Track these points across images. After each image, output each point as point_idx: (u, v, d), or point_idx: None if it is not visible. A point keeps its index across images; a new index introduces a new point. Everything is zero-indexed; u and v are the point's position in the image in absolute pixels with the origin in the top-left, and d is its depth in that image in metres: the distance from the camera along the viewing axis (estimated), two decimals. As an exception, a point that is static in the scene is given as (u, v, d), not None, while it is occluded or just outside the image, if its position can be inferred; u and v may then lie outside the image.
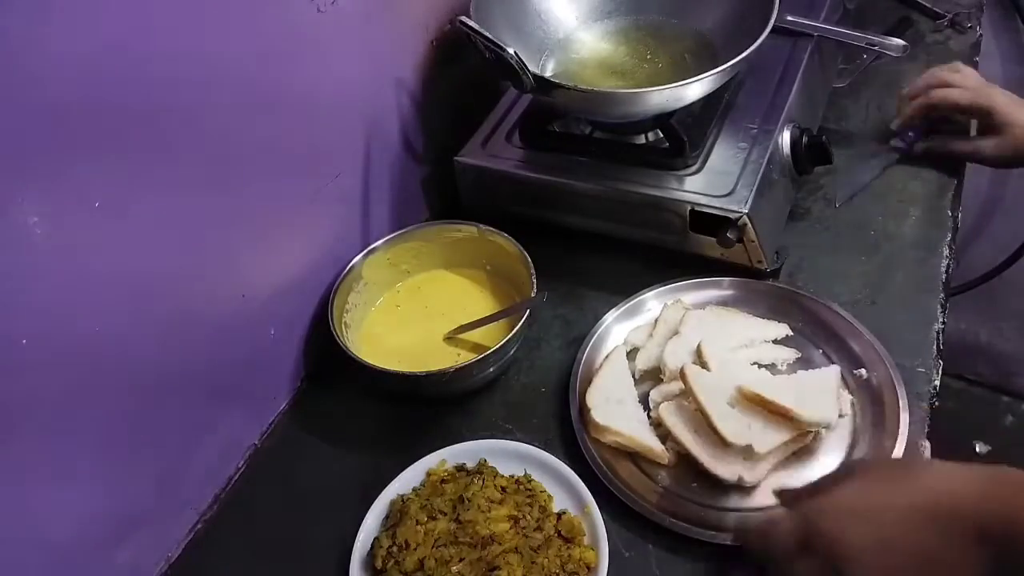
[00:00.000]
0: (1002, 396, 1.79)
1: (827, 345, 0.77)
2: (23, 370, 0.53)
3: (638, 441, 0.70)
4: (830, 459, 0.69)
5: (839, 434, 0.70)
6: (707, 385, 0.69)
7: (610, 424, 0.70)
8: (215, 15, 0.61)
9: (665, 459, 0.69)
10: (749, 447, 0.66)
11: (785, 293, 0.81)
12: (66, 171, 0.52)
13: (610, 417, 0.71)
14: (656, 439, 0.70)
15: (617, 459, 0.71)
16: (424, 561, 0.62)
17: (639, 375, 0.77)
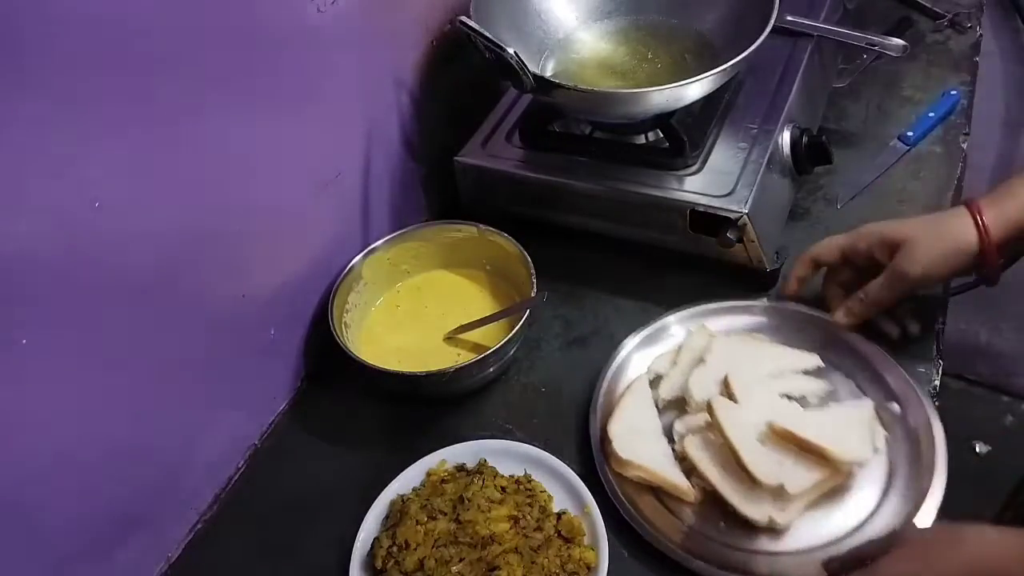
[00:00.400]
0: (1002, 396, 1.79)
1: (859, 376, 0.74)
2: (23, 370, 0.53)
3: (662, 476, 0.66)
4: (864, 495, 0.65)
5: (873, 471, 0.67)
6: (736, 419, 0.66)
7: (632, 458, 0.67)
8: (215, 15, 0.61)
9: (691, 496, 0.66)
10: (780, 487, 0.62)
11: (813, 320, 0.77)
12: (72, 158, 0.52)
13: (633, 450, 0.67)
14: (681, 474, 0.67)
15: (640, 494, 0.67)
16: (424, 561, 0.62)
17: (662, 404, 0.74)
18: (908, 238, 0.68)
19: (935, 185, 0.92)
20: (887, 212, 0.89)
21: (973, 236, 0.66)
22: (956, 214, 0.67)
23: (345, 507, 0.71)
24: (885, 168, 0.94)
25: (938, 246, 0.67)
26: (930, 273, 0.68)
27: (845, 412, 0.69)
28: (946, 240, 0.67)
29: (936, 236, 0.67)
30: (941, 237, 0.67)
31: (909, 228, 0.68)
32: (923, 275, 0.68)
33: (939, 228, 0.68)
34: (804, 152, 0.86)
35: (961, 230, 0.66)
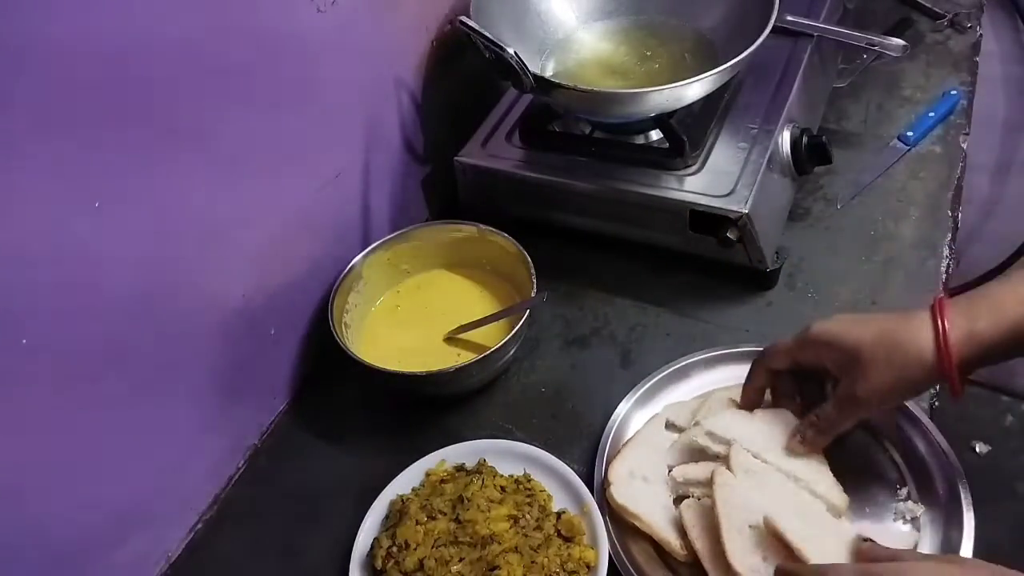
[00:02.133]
0: (1002, 396, 1.78)
1: (896, 450, 0.68)
2: (25, 364, 0.53)
3: (655, 530, 0.64)
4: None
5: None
6: (733, 499, 0.62)
7: (627, 504, 0.64)
8: (215, 15, 0.61)
9: (681, 556, 0.63)
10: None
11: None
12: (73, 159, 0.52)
13: (631, 497, 0.65)
14: (674, 531, 0.64)
15: (636, 540, 0.65)
16: (424, 561, 0.62)
17: (672, 454, 0.70)
18: (861, 355, 0.57)
19: (935, 185, 0.92)
20: (887, 212, 0.89)
21: (931, 356, 0.55)
22: (917, 325, 0.56)
23: (345, 507, 0.71)
24: (885, 168, 0.94)
25: (893, 370, 0.56)
26: (886, 399, 0.59)
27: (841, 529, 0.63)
28: (902, 363, 0.56)
29: (890, 358, 0.56)
30: (895, 358, 0.56)
31: (863, 340, 0.57)
32: (879, 401, 0.59)
33: (895, 344, 0.56)
34: (804, 152, 0.86)
35: (919, 350, 0.55)
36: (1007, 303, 0.54)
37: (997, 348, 0.55)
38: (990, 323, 0.54)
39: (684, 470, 0.68)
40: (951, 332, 0.54)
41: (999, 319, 0.54)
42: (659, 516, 0.65)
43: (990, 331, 0.54)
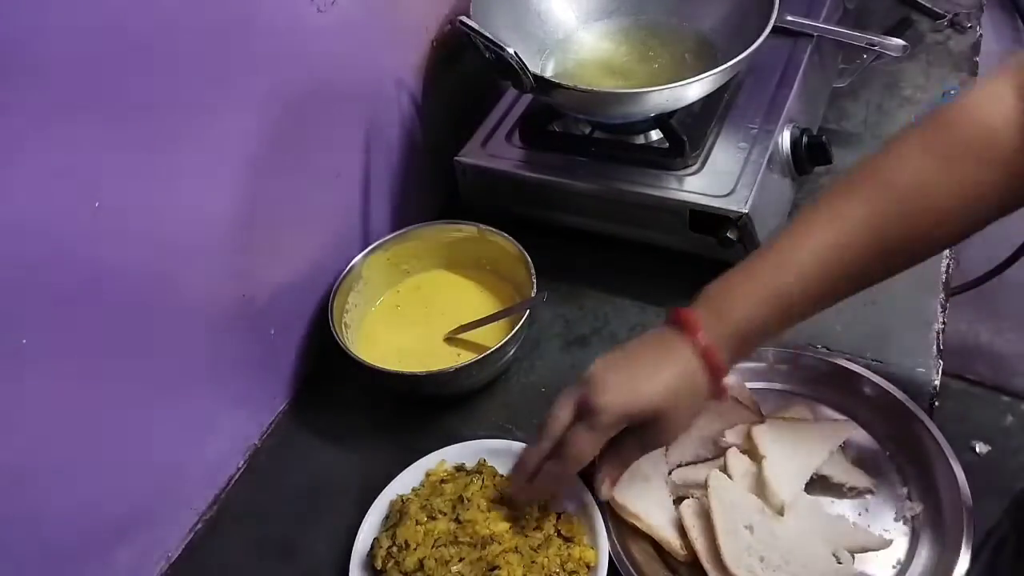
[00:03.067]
0: (1002, 396, 1.79)
1: (896, 450, 0.69)
2: (25, 364, 0.53)
3: (655, 530, 0.64)
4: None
5: (886, 558, 0.63)
6: (729, 500, 0.63)
7: (627, 504, 0.64)
8: (214, 15, 0.61)
9: (681, 556, 0.63)
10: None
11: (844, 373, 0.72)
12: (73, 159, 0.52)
13: (631, 496, 0.65)
14: (675, 532, 0.64)
15: (636, 540, 0.65)
16: (424, 561, 0.62)
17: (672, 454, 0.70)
18: (662, 414, 0.58)
19: (935, 185, 0.92)
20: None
21: (705, 381, 0.58)
22: (686, 360, 0.58)
23: (345, 507, 0.71)
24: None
25: (688, 410, 0.59)
26: (683, 432, 0.62)
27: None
28: (691, 401, 0.59)
29: (687, 405, 0.59)
30: (685, 402, 0.58)
31: (655, 400, 0.57)
32: (677, 436, 0.62)
33: (684, 392, 0.58)
34: (804, 152, 0.86)
35: (701, 384, 0.58)
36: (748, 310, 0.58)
37: (749, 342, 0.59)
38: (738, 344, 0.58)
39: (683, 472, 0.68)
40: (717, 358, 0.58)
41: (741, 335, 0.58)
42: (659, 516, 0.64)
43: (737, 351, 0.59)
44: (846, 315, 0.80)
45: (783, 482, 0.64)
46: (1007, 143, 0.54)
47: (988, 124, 0.55)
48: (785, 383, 0.75)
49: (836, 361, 0.73)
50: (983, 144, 0.55)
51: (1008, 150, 0.54)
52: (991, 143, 0.54)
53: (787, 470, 0.65)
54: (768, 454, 0.66)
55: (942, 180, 0.55)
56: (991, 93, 0.55)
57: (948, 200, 0.55)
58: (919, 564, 0.62)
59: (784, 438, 0.67)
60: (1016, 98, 0.54)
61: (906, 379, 0.73)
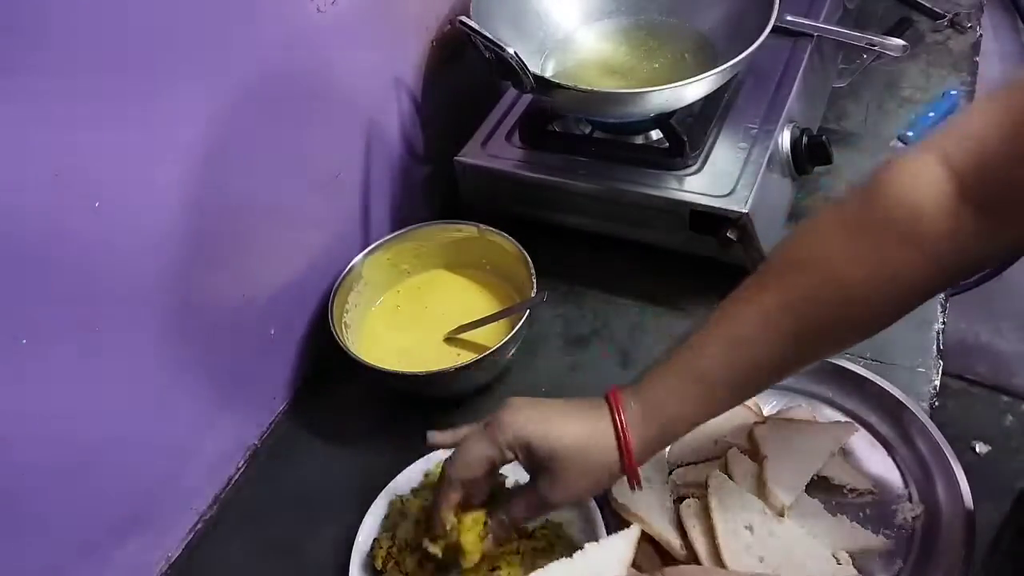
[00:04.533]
0: (1002, 396, 1.79)
1: (896, 450, 0.69)
2: (25, 364, 0.53)
3: (655, 530, 0.63)
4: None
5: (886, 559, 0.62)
6: (728, 502, 0.63)
7: (628, 504, 0.64)
8: (215, 15, 0.61)
9: (681, 556, 0.63)
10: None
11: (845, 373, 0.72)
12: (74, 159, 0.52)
13: (631, 497, 0.64)
14: (674, 532, 0.64)
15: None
16: (424, 561, 0.62)
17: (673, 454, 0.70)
18: (555, 462, 0.56)
19: (935, 185, 0.92)
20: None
21: (617, 458, 0.57)
22: (603, 431, 0.57)
23: (345, 507, 0.71)
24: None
25: (585, 478, 0.57)
26: (573, 499, 0.59)
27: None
28: (593, 471, 0.57)
29: (583, 467, 0.56)
30: (587, 467, 0.57)
31: (557, 448, 0.56)
32: (567, 501, 0.59)
33: (588, 455, 0.56)
34: (804, 152, 0.86)
35: (608, 461, 0.57)
36: (674, 410, 0.57)
37: (667, 442, 0.60)
38: (660, 428, 0.57)
39: (684, 472, 0.68)
40: (631, 436, 0.56)
41: (667, 426, 0.57)
42: (659, 516, 0.64)
43: (659, 434, 0.57)
44: (846, 315, 0.80)
45: (784, 483, 0.64)
46: (932, 226, 0.50)
47: (914, 202, 0.50)
48: (786, 383, 0.74)
49: (836, 361, 0.73)
50: (908, 225, 0.50)
51: (932, 234, 0.50)
52: (917, 225, 0.50)
53: (788, 471, 0.65)
54: (769, 454, 0.66)
55: (851, 255, 0.52)
56: (921, 170, 0.51)
57: (864, 285, 0.52)
58: (919, 565, 0.62)
59: (785, 439, 0.67)
60: (947, 180, 0.50)
61: (906, 379, 0.73)
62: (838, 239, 0.53)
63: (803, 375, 0.74)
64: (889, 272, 0.51)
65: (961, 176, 0.49)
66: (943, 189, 0.49)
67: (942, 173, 0.50)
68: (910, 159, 0.52)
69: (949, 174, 0.50)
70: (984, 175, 0.49)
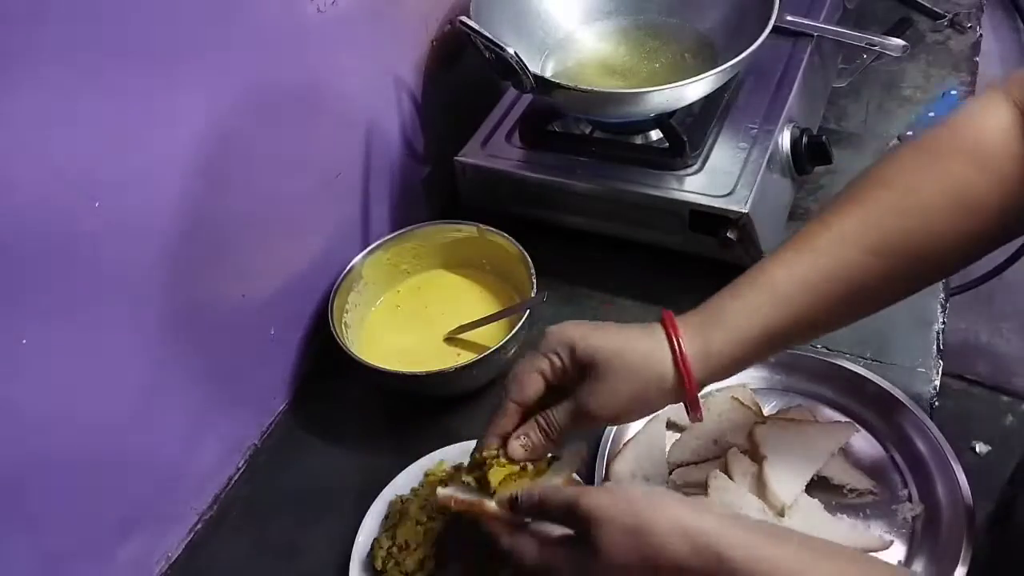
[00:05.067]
0: (1002, 396, 1.79)
1: (896, 450, 0.69)
2: (24, 364, 0.53)
3: None
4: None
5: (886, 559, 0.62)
6: (728, 502, 0.63)
7: None
8: (215, 16, 0.61)
9: None
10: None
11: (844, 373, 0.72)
12: (74, 158, 0.52)
13: None
14: None
15: None
16: (424, 561, 0.62)
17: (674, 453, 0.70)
18: (596, 365, 0.53)
19: (935, 185, 0.92)
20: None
21: (671, 374, 0.54)
22: (655, 344, 0.54)
23: (345, 507, 0.71)
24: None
25: (629, 385, 0.53)
26: (619, 415, 0.55)
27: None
28: (638, 379, 0.54)
29: (626, 374, 0.53)
30: (635, 372, 0.53)
31: (599, 350, 0.54)
32: (612, 417, 0.55)
33: (632, 361, 0.54)
34: (804, 152, 0.86)
35: (658, 371, 0.54)
36: (738, 319, 0.54)
37: (728, 366, 0.55)
38: (724, 342, 0.54)
39: (684, 472, 0.68)
40: (688, 352, 0.53)
41: (729, 335, 0.54)
42: None
43: (724, 350, 0.54)
44: (846, 315, 0.80)
45: (784, 483, 0.64)
46: (1000, 149, 0.52)
47: (980, 128, 0.54)
48: (786, 383, 0.75)
49: (836, 361, 0.73)
50: (973, 144, 0.53)
51: (1000, 156, 0.52)
52: (981, 145, 0.53)
53: (788, 471, 0.65)
54: (769, 455, 0.66)
55: (929, 176, 0.54)
56: (986, 104, 0.55)
57: (936, 197, 0.53)
58: (919, 565, 0.62)
59: (785, 439, 0.67)
60: (1011, 113, 0.53)
61: (906, 379, 0.73)
62: (912, 161, 0.55)
63: (803, 375, 0.74)
64: (958, 189, 0.53)
65: (1022, 109, 0.53)
66: (1007, 120, 0.53)
67: (1006, 108, 0.53)
68: (978, 97, 0.56)
69: (1013, 109, 0.53)
70: None
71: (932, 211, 0.53)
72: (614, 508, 0.47)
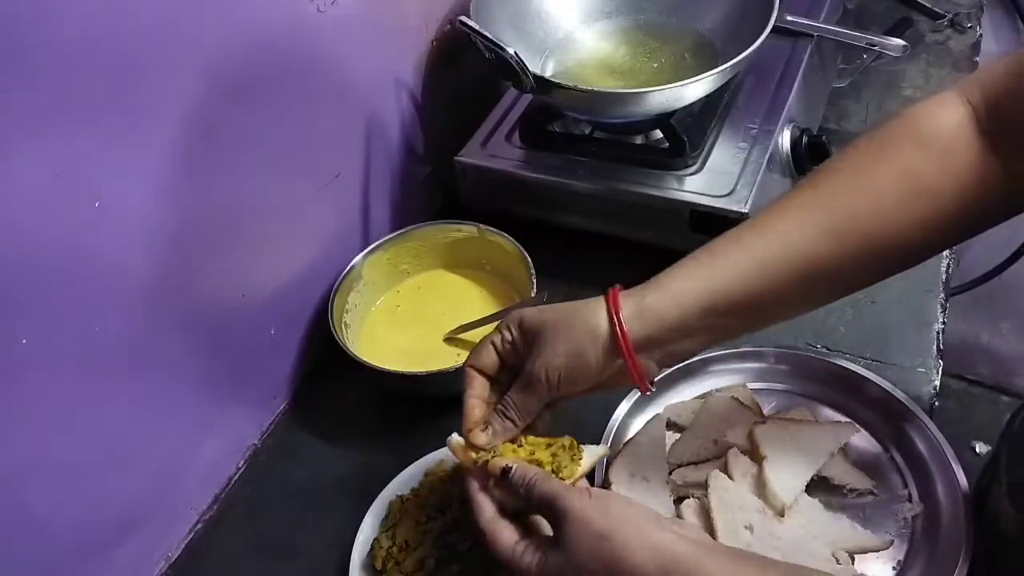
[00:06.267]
0: (1002, 396, 1.79)
1: (896, 450, 0.68)
2: (25, 364, 0.53)
3: None
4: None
5: (886, 559, 0.62)
6: (728, 502, 0.63)
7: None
8: (215, 16, 0.61)
9: None
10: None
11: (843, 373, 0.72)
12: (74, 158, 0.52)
13: (632, 496, 0.64)
14: None
15: None
16: (424, 561, 0.62)
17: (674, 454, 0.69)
18: (540, 334, 0.56)
19: (935, 185, 0.92)
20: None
21: (604, 323, 0.55)
22: (593, 306, 0.57)
23: (345, 507, 0.71)
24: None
25: (567, 344, 0.55)
26: (563, 377, 0.56)
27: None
28: (575, 337, 0.55)
29: (565, 333, 0.56)
30: (571, 329, 0.55)
31: (544, 320, 0.57)
32: (554, 379, 0.56)
33: (570, 320, 0.56)
34: (804, 152, 0.86)
35: (592, 325, 0.55)
36: (676, 280, 0.57)
37: (667, 324, 0.56)
38: (658, 299, 0.56)
39: (684, 472, 0.68)
40: (622, 306, 0.55)
41: (664, 294, 0.56)
42: None
43: (657, 305, 0.56)
44: (846, 315, 0.80)
45: (784, 483, 0.64)
46: (951, 138, 0.53)
47: (933, 118, 0.54)
48: (786, 383, 0.75)
49: (836, 361, 0.73)
50: (924, 132, 0.54)
51: (952, 145, 0.53)
52: (933, 133, 0.54)
53: (788, 471, 0.65)
54: (769, 455, 0.66)
55: (881, 160, 0.55)
56: (941, 100, 0.55)
57: (886, 179, 0.54)
58: (919, 565, 0.62)
59: (785, 439, 0.67)
60: (965, 111, 0.54)
61: (906, 379, 0.73)
62: (866, 148, 0.56)
63: (803, 375, 0.74)
64: (908, 174, 0.53)
65: (975, 108, 0.54)
66: (961, 115, 0.54)
67: (961, 106, 0.54)
68: (935, 96, 0.56)
69: (967, 107, 0.54)
70: (993, 108, 0.53)
71: (881, 192, 0.54)
72: (588, 511, 0.48)
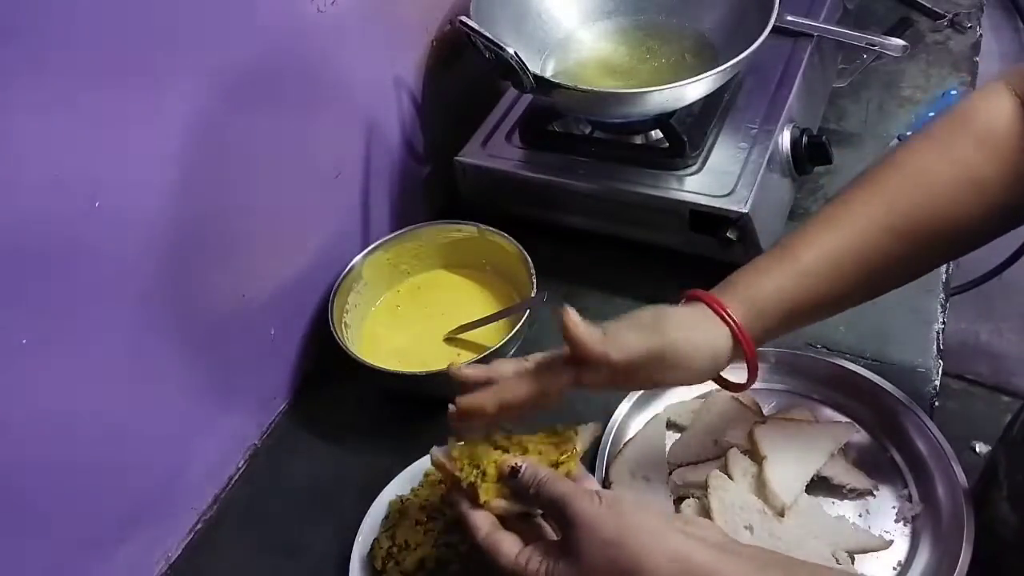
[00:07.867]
0: (1002, 396, 1.79)
1: (896, 450, 0.69)
2: (25, 363, 0.53)
3: None
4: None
5: (886, 559, 0.62)
6: (728, 502, 0.63)
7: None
8: (214, 15, 0.61)
9: None
10: None
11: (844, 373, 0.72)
12: (74, 158, 0.52)
13: (632, 496, 0.64)
14: None
15: None
16: (424, 561, 0.62)
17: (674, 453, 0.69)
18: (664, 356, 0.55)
19: (935, 185, 0.92)
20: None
21: (726, 337, 0.55)
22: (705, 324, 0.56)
23: (345, 507, 0.71)
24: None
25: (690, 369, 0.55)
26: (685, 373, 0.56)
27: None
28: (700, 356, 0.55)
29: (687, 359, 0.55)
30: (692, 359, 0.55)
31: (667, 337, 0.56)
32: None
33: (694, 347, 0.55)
34: (804, 152, 0.86)
35: (715, 333, 0.55)
36: (762, 295, 0.56)
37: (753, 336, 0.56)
38: (747, 317, 0.56)
39: (684, 472, 0.68)
40: (730, 309, 0.55)
41: (754, 312, 0.56)
42: None
43: (750, 325, 0.56)
44: (846, 315, 0.79)
45: (784, 483, 0.64)
46: (1003, 131, 0.56)
47: (985, 113, 0.57)
48: (786, 383, 0.75)
49: (836, 361, 0.73)
50: (978, 128, 0.57)
51: (1004, 138, 0.56)
52: (986, 128, 0.57)
53: (788, 471, 0.65)
54: (769, 455, 0.66)
55: (938, 158, 0.57)
56: (988, 93, 0.59)
57: (944, 176, 0.56)
58: (919, 565, 0.62)
59: (785, 439, 0.67)
60: (1012, 98, 0.57)
61: (906, 379, 0.73)
62: (922, 146, 0.59)
63: (803, 375, 0.74)
64: (969, 173, 0.56)
65: (1021, 98, 0.57)
66: (1010, 106, 0.57)
67: (1008, 96, 0.58)
68: (983, 88, 0.60)
69: (1014, 98, 0.57)
70: None
71: (942, 189, 0.56)
72: (599, 517, 0.47)
